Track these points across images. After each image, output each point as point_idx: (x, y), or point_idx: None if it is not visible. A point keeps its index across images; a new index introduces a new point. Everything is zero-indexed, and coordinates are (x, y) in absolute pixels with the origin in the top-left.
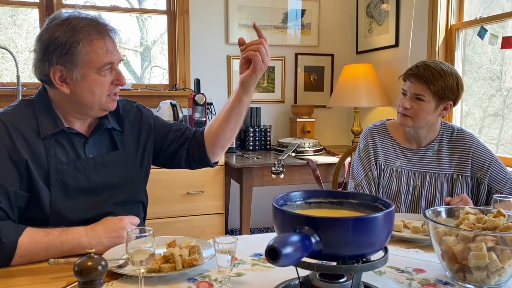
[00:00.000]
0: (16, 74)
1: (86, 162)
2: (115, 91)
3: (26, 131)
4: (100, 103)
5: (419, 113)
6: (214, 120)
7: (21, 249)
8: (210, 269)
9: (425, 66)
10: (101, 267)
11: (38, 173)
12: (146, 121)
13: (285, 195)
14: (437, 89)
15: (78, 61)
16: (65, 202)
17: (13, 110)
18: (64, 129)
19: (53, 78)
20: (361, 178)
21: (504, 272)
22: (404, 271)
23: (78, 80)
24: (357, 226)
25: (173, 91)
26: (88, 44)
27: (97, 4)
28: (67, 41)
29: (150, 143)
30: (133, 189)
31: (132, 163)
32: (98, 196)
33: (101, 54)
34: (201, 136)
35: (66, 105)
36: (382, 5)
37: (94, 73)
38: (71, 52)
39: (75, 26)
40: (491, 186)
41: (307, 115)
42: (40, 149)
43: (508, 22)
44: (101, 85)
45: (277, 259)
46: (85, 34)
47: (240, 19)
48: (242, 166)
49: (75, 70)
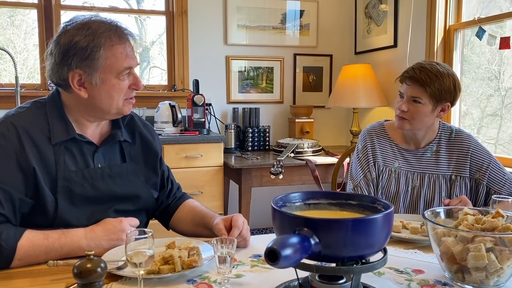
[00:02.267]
0: (14, 75)
1: (94, 172)
2: (131, 95)
3: (37, 137)
4: (117, 107)
5: (416, 115)
6: (185, 218)
7: (20, 253)
8: (209, 270)
9: (421, 68)
10: (100, 269)
11: (45, 180)
12: (155, 149)
13: (284, 197)
14: (434, 91)
15: (98, 65)
16: (70, 209)
17: (25, 113)
18: (75, 136)
19: (71, 82)
20: (359, 179)
21: (503, 273)
22: (403, 272)
23: (98, 85)
24: (356, 227)
25: (172, 92)
26: (109, 49)
27: (95, 5)
28: (88, 46)
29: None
30: (139, 201)
31: (138, 177)
32: (103, 205)
33: (121, 59)
34: (174, 209)
35: (81, 109)
36: (381, 6)
37: (114, 77)
38: (92, 56)
39: (95, 30)
40: (490, 187)
41: (306, 115)
42: (50, 156)
43: (506, 22)
44: (119, 89)
45: (276, 260)
46: (106, 39)
47: (238, 19)
48: (241, 167)
49: (95, 75)
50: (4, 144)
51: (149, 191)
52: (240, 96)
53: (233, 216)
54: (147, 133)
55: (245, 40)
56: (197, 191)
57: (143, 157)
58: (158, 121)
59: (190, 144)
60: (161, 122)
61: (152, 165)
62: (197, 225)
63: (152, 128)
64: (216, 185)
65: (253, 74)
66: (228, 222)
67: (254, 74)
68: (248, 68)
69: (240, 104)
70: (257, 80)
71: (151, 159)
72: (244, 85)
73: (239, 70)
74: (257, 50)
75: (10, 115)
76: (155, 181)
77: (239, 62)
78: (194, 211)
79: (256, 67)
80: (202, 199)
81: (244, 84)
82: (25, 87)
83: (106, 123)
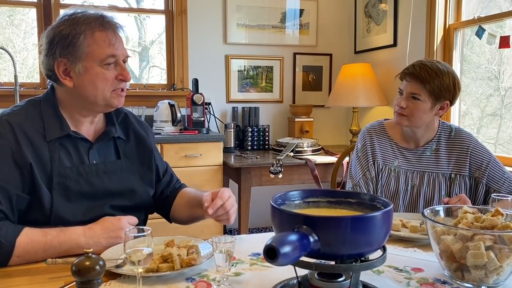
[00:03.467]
0: (14, 74)
1: (89, 168)
2: (120, 86)
3: (32, 134)
4: (104, 97)
5: (415, 112)
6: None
7: (19, 250)
8: (208, 268)
9: (422, 65)
10: (99, 267)
11: (41, 176)
12: (149, 145)
13: (283, 195)
14: (433, 88)
15: (80, 53)
16: (66, 205)
17: (20, 111)
18: (70, 133)
19: (57, 71)
20: (359, 178)
21: (502, 271)
22: (402, 270)
23: (81, 73)
24: (356, 225)
25: (171, 91)
26: (90, 36)
27: (95, 4)
28: (70, 33)
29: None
30: (134, 197)
31: (132, 174)
32: (99, 201)
33: (104, 46)
34: (173, 199)
35: (73, 103)
36: (380, 5)
37: (97, 65)
38: (73, 43)
39: (78, 19)
40: (489, 186)
41: (305, 114)
42: (45, 152)
43: (506, 21)
44: (104, 78)
45: (275, 258)
46: (87, 26)
47: (238, 19)
48: (241, 166)
49: (78, 63)
50: (0, 141)
51: (144, 188)
52: (240, 95)
53: (221, 189)
54: (140, 130)
55: (244, 39)
56: None
57: (138, 155)
58: (158, 120)
59: (189, 143)
60: (160, 121)
61: (147, 163)
62: (192, 206)
63: (147, 125)
64: (216, 185)
65: (252, 73)
66: (216, 195)
67: (254, 73)
68: (247, 67)
69: (240, 103)
70: (256, 79)
71: (146, 157)
72: (244, 84)
73: (239, 69)
74: (257, 49)
75: (5, 114)
76: (150, 178)
77: (238, 61)
78: (189, 194)
79: (255, 66)
80: None
81: (243, 83)
82: (24, 86)
83: (100, 120)
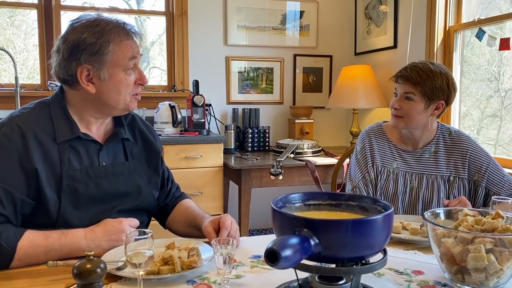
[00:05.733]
0: (14, 75)
1: (98, 170)
2: (137, 91)
3: (42, 136)
4: (124, 102)
5: (410, 112)
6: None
7: (20, 253)
8: (209, 271)
9: (413, 67)
10: (100, 269)
11: (49, 180)
12: (157, 149)
13: (284, 197)
14: (425, 89)
15: (106, 60)
16: (73, 209)
17: (30, 113)
18: (80, 135)
19: (80, 77)
20: (358, 180)
21: (503, 274)
22: (403, 273)
23: (106, 79)
24: (356, 228)
25: (171, 93)
26: (117, 44)
27: (95, 5)
28: (97, 42)
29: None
30: (141, 197)
31: (140, 175)
32: (106, 204)
33: (128, 53)
34: (171, 208)
35: (87, 106)
36: (381, 7)
37: (121, 72)
38: (101, 51)
39: (104, 27)
40: (489, 189)
41: (305, 116)
42: (55, 154)
43: (506, 23)
44: (126, 84)
45: (276, 261)
46: (115, 35)
47: (238, 20)
48: (241, 168)
49: (103, 69)
50: (8, 144)
51: (150, 190)
52: (240, 96)
53: (221, 217)
54: (148, 133)
55: (245, 41)
56: (196, 192)
57: (145, 156)
58: (158, 122)
59: (189, 145)
60: (160, 123)
61: (154, 165)
62: (189, 226)
63: (153, 129)
64: (216, 186)
65: (253, 74)
66: (216, 223)
67: (254, 75)
68: (248, 69)
69: (240, 104)
70: (257, 81)
71: (153, 159)
72: (244, 85)
73: (239, 70)
74: (257, 51)
75: (14, 116)
76: (156, 181)
77: (239, 62)
78: (188, 211)
79: (256, 67)
80: (201, 199)
81: (244, 85)
82: (24, 87)
83: (109, 122)
